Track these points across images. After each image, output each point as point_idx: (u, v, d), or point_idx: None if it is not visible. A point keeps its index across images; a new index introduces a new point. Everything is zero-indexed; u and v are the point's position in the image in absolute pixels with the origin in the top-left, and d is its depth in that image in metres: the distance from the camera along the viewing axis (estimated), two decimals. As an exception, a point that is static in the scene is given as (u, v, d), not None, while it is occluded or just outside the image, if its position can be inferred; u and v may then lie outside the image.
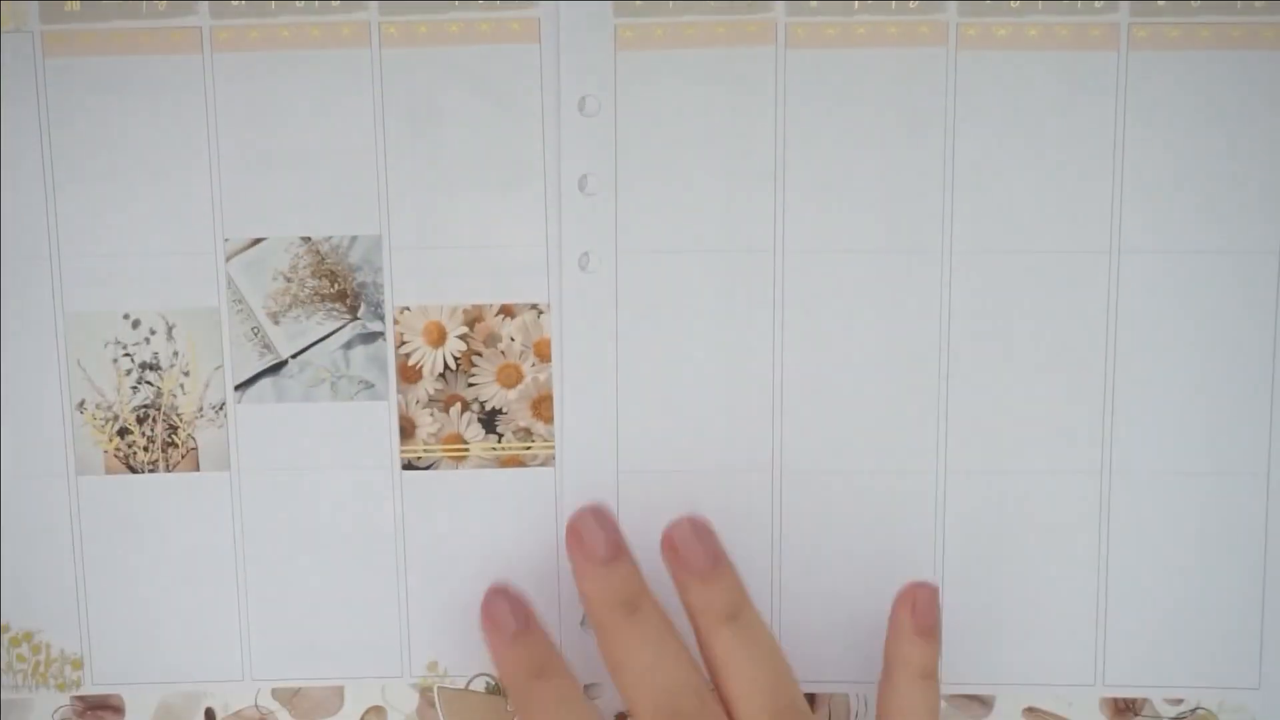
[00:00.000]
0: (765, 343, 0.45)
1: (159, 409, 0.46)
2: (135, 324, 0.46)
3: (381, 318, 0.46)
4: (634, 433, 0.46)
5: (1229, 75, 0.44)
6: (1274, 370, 0.45)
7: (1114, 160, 0.44)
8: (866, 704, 0.47)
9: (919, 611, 0.43)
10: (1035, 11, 0.44)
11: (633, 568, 0.42)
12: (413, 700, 0.47)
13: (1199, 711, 0.46)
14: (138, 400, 0.46)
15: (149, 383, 0.46)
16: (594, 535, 0.42)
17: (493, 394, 0.46)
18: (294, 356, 0.46)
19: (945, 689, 0.46)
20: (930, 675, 0.42)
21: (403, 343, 0.46)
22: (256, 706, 0.47)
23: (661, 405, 0.46)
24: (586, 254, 0.45)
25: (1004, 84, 0.44)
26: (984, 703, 0.47)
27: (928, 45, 0.44)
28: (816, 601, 0.46)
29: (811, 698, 0.47)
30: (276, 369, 0.46)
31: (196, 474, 0.46)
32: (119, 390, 0.46)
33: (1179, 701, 0.46)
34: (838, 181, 0.45)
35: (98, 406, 0.46)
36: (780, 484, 0.45)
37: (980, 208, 0.45)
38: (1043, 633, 0.46)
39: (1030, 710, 0.47)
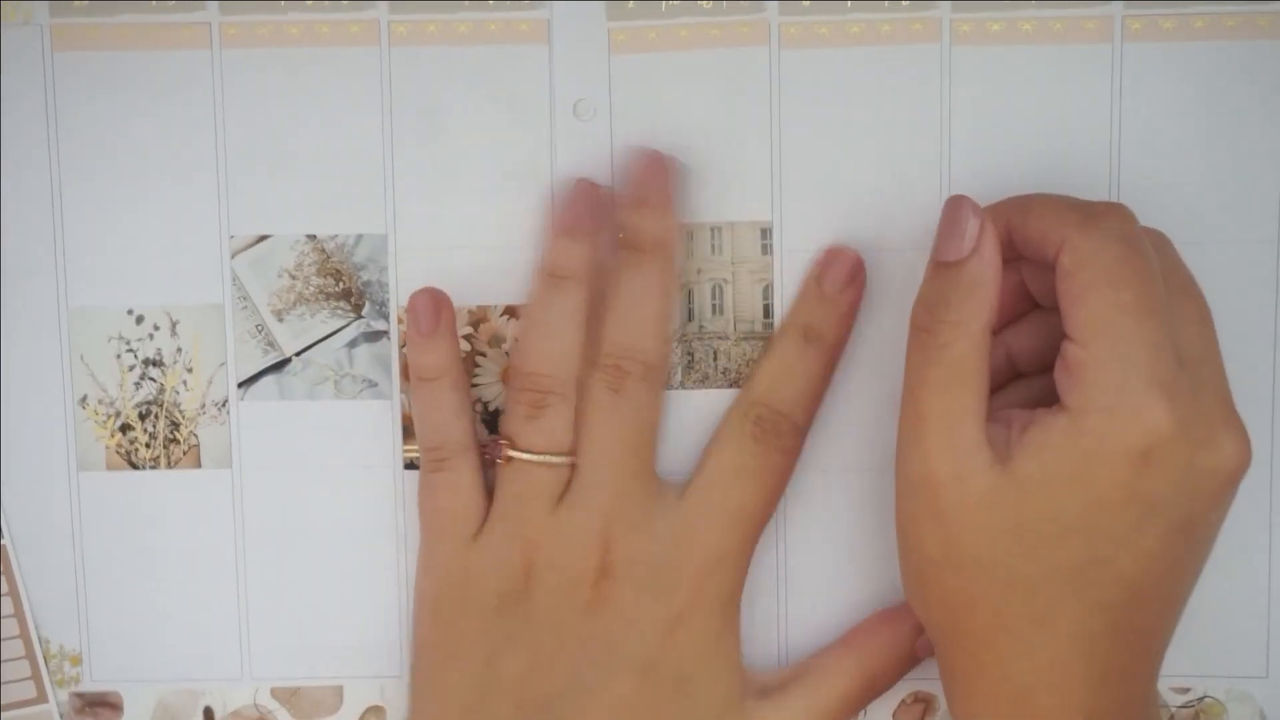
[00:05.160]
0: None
1: (161, 405, 0.46)
2: (139, 320, 0.46)
3: (386, 317, 0.46)
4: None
5: (1224, 65, 0.44)
6: (1275, 358, 0.45)
7: (1110, 153, 0.45)
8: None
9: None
10: (1029, 6, 0.44)
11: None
12: (414, 702, 0.47)
13: (1206, 700, 0.46)
14: (140, 396, 0.46)
15: (152, 379, 0.46)
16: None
17: (496, 394, 0.46)
18: (298, 354, 0.46)
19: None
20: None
21: (407, 342, 0.46)
22: (255, 705, 0.47)
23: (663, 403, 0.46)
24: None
25: (999, 79, 0.45)
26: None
27: (921, 42, 0.45)
28: (823, 596, 0.46)
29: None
30: (280, 367, 0.46)
31: (198, 471, 0.46)
32: (121, 386, 0.46)
33: (1186, 690, 0.46)
34: (834, 180, 0.45)
35: (100, 402, 0.46)
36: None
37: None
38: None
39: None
